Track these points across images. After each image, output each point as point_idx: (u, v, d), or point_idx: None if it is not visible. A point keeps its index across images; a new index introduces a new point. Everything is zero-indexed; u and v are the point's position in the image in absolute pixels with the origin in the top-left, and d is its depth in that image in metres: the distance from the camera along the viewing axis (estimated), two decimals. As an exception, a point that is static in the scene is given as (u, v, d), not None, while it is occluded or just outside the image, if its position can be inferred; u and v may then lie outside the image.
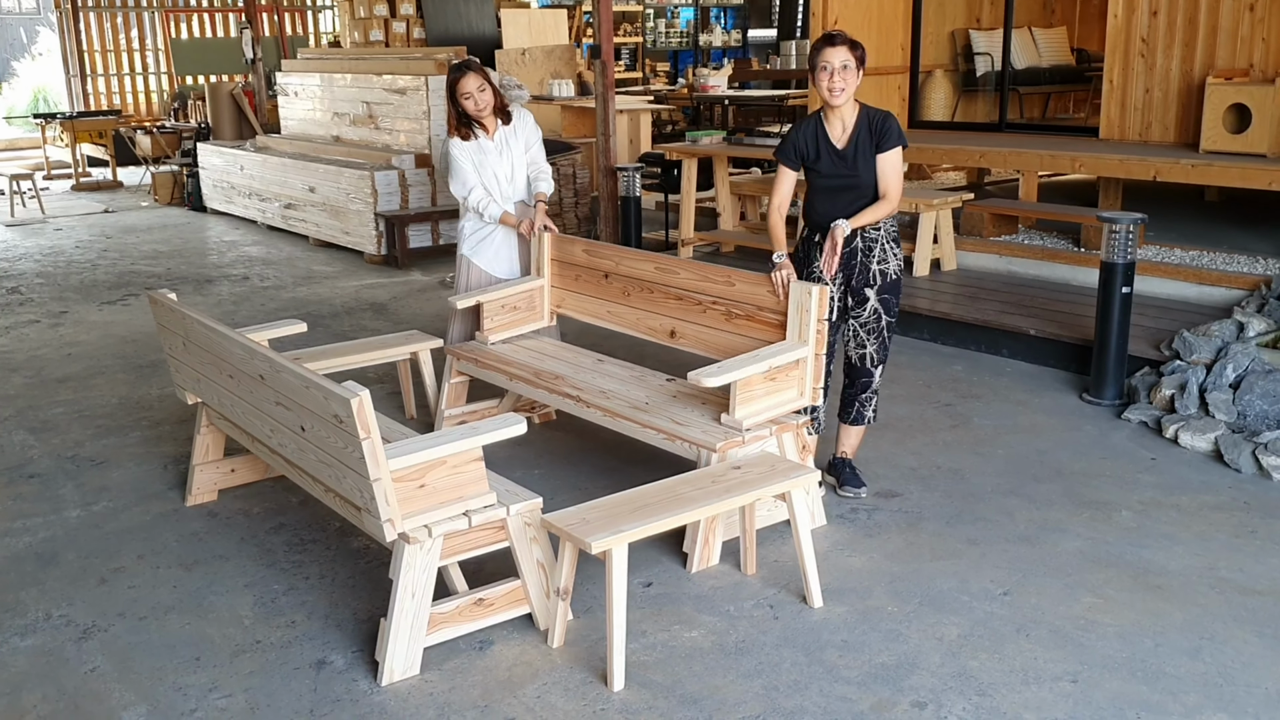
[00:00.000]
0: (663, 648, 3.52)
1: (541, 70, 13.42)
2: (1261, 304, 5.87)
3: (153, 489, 4.87)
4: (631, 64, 17.74)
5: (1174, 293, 6.71)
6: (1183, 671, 3.31)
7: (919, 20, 9.89)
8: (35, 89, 21.51)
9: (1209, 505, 4.41)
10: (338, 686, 3.37)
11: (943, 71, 10.24)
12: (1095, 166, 7.68)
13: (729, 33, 17.82)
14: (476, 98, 5.11)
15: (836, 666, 3.39)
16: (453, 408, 5.29)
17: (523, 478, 4.86)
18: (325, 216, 10.22)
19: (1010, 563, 4.00)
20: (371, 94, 10.43)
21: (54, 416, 5.86)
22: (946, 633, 3.56)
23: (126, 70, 18.92)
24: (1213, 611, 3.64)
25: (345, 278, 9.16)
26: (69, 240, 11.20)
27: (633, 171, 8.01)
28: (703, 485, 3.60)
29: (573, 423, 5.39)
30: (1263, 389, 4.94)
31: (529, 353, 5.11)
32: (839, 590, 3.83)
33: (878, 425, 5.00)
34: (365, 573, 4.06)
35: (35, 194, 13.00)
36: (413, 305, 8.13)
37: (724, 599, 3.81)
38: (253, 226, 11.69)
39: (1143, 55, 8.22)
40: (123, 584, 4.05)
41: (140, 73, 19.01)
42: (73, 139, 15.06)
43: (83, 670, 3.51)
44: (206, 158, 12.46)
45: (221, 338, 3.65)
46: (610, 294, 5.00)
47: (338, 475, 3.12)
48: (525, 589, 3.45)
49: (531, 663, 3.45)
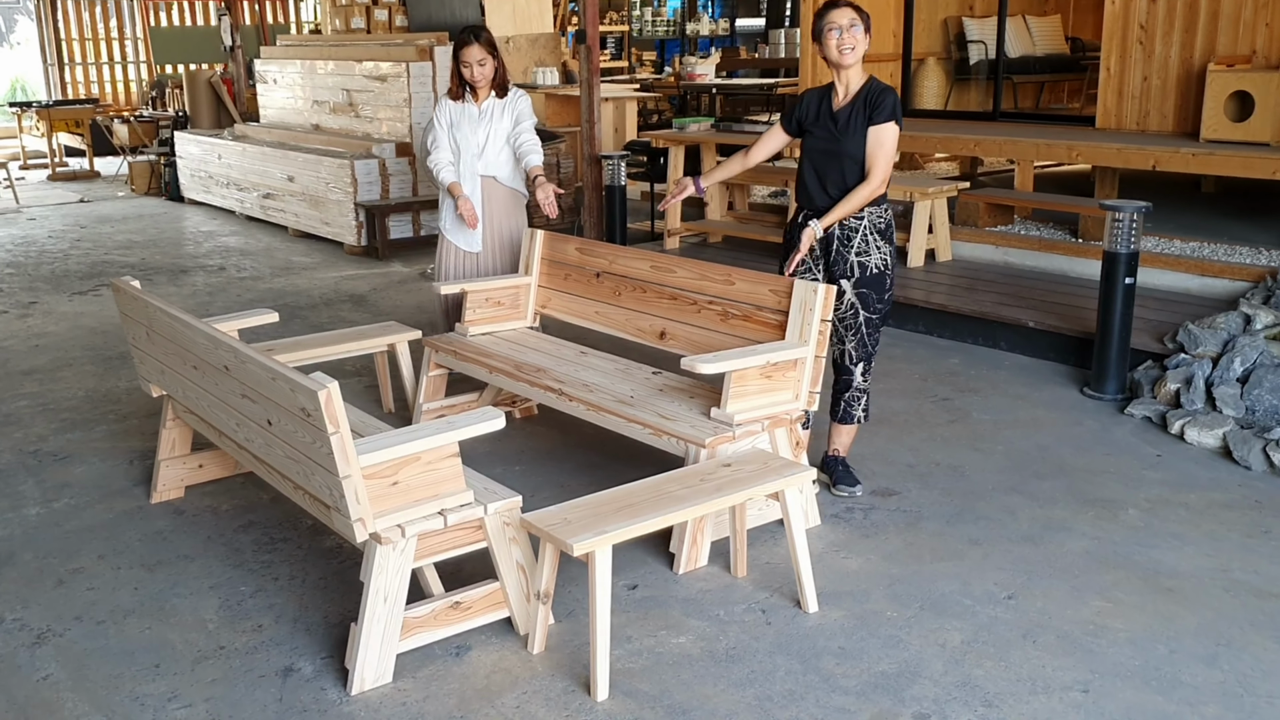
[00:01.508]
0: (649, 654, 3.32)
1: (526, 59, 13.19)
2: (1268, 295, 5.71)
3: (117, 485, 4.66)
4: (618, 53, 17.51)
5: (1175, 284, 6.54)
6: (1199, 680, 3.13)
7: (911, 7, 9.72)
8: (13, 78, 21.18)
9: (1219, 503, 4.24)
10: (305, 696, 3.17)
11: (935, 60, 10.07)
12: (1093, 156, 7.51)
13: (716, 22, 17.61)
14: (475, 69, 5.20)
15: (834, 675, 3.20)
16: (431, 401, 5.09)
17: (502, 474, 4.67)
18: (304, 206, 9.99)
19: (1014, 564, 3.82)
20: (352, 81, 10.20)
21: (17, 410, 5.63)
22: (949, 639, 3.37)
23: (105, 59, 18.61)
24: (1228, 615, 3.46)
25: (324, 269, 8.93)
26: (42, 230, 10.94)
27: (618, 160, 7.80)
28: (691, 484, 3.41)
29: (555, 417, 5.19)
30: (1272, 383, 4.77)
31: (510, 345, 4.91)
32: (835, 594, 3.64)
33: (873, 420, 4.82)
34: (338, 573, 3.85)
35: (9, 183, 12.72)
36: (393, 297, 7.91)
37: (713, 603, 3.61)
38: (231, 217, 11.44)
39: (1141, 42, 8.05)
40: (81, 585, 3.84)
41: (119, 61, 18.70)
42: (49, 128, 14.77)
43: (35, 678, 3.30)
44: (184, 147, 12.20)
45: (185, 327, 3.44)
46: (600, 293, 4.81)
47: (306, 472, 2.91)
48: (504, 592, 3.25)
49: (510, 670, 3.25)
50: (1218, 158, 6.90)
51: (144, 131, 14.32)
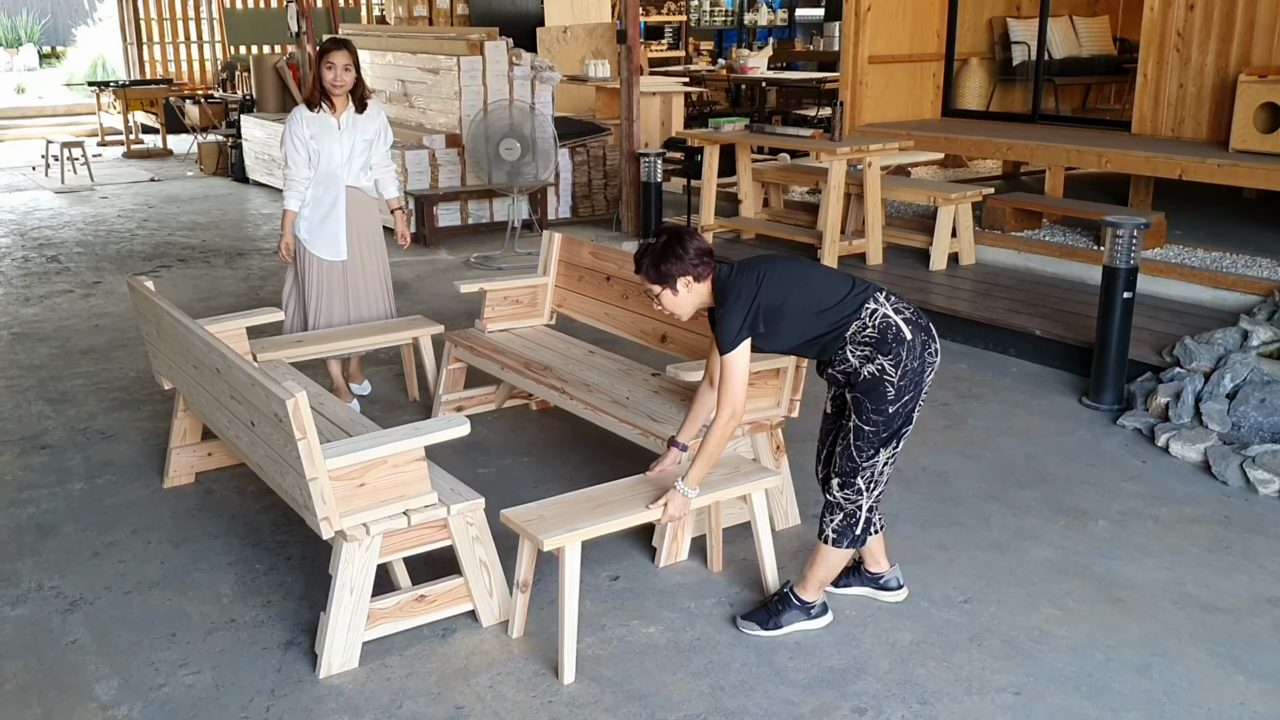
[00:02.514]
0: (619, 642, 3.59)
1: (583, 48, 13.43)
2: (1273, 311, 5.79)
3: (155, 464, 5.02)
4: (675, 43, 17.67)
5: (1188, 295, 6.63)
6: (1128, 688, 3.32)
7: (955, 7, 9.79)
8: (95, 56, 21.90)
9: (1188, 518, 4.39)
10: (300, 668, 3.48)
11: (979, 60, 10.13)
12: (1121, 163, 7.59)
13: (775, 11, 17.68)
14: (339, 73, 5.20)
15: (785, 668, 3.44)
16: (450, 393, 5.39)
17: (512, 465, 4.97)
18: (359, 192, 10.34)
19: (977, 570, 4.02)
20: (407, 72, 10.52)
21: (73, 388, 6.04)
22: (900, 639, 3.59)
23: (182, 39, 19.20)
24: (1170, 627, 3.64)
25: (373, 254, 9.27)
26: (113, 209, 11.45)
27: (654, 157, 8.03)
28: (664, 486, 3.66)
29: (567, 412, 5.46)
30: (1258, 400, 4.89)
31: (524, 342, 5.19)
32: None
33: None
34: (345, 556, 4.17)
35: (85, 161, 13.28)
36: (435, 285, 8.23)
37: (687, 595, 3.87)
38: (291, 199, 11.85)
39: (1178, 50, 8.09)
40: (114, 558, 4.20)
41: (195, 42, 19.28)
42: (125, 107, 15.35)
43: (64, 642, 3.66)
44: (249, 130, 12.66)
45: (184, 330, 3.75)
46: (610, 296, 5.06)
47: (281, 471, 3.21)
48: (468, 587, 3.53)
49: (489, 652, 3.54)
50: (1243, 169, 6.96)
51: (214, 113, 14.83)
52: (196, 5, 19.16)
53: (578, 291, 5.28)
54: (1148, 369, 5.59)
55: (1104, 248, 5.44)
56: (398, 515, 3.28)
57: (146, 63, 18.88)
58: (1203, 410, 4.98)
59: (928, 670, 3.42)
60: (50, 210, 11.45)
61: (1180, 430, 4.95)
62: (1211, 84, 7.93)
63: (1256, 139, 7.19)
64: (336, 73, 5.20)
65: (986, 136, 8.53)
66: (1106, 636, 3.59)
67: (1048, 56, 9.47)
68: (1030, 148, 8.15)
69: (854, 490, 3.49)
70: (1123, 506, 4.50)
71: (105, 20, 22.92)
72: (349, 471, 3.12)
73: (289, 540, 4.31)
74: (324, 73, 5.21)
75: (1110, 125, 8.97)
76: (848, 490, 3.50)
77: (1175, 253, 7.14)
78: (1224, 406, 4.96)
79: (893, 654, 3.51)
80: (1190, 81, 8.04)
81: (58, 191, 12.55)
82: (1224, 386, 5.04)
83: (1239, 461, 4.63)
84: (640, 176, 8.31)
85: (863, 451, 3.44)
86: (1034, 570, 4.01)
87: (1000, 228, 7.87)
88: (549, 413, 5.58)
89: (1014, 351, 6.29)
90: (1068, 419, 5.42)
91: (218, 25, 19.03)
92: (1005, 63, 10.22)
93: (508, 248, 8.99)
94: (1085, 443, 5.13)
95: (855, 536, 3.55)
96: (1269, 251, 7.09)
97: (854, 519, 3.53)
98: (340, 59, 5.20)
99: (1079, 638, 3.58)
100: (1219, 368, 5.15)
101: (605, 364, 4.90)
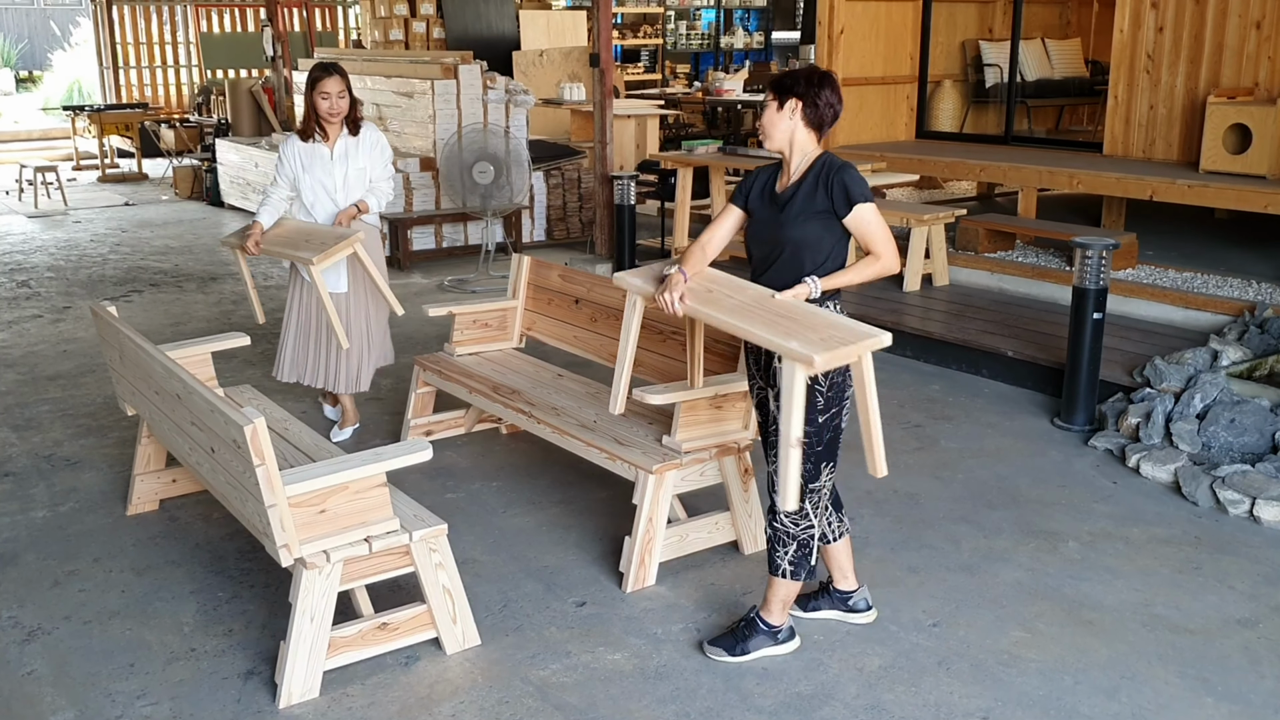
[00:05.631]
0: (584, 669, 3.55)
1: (559, 72, 13.47)
2: (1243, 331, 5.81)
3: (120, 492, 4.95)
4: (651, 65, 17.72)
5: (1160, 316, 6.65)
6: (1096, 711, 3.30)
7: (928, 30, 9.85)
8: (71, 80, 21.84)
9: (1159, 539, 4.38)
10: (261, 698, 3.43)
11: (952, 82, 10.19)
12: (1093, 184, 7.62)
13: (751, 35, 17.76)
14: (334, 101, 5.09)
15: (752, 695, 3.40)
16: (419, 417, 5.35)
17: (480, 489, 4.93)
18: (333, 216, 10.31)
19: (946, 592, 4.00)
20: (382, 96, 10.51)
21: (39, 414, 5.97)
22: (868, 663, 3.56)
23: (158, 63, 19.16)
24: (1139, 649, 3.62)
25: (347, 278, 9.22)
26: (85, 234, 11.38)
27: (627, 180, 8.03)
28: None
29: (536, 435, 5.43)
30: (1228, 420, 4.89)
31: (492, 366, 5.16)
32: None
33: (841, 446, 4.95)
34: (309, 583, 4.11)
35: (59, 185, 13.20)
36: (407, 308, 8.11)
37: (654, 621, 3.83)
38: (266, 223, 11.80)
39: (1148, 71, 8.15)
40: (74, 587, 4.13)
41: (171, 66, 19.24)
42: (100, 131, 15.28)
43: (20, 673, 3.59)
44: (224, 154, 12.61)
45: (146, 355, 3.70)
46: (579, 319, 5.03)
47: (242, 498, 3.17)
48: (431, 614, 3.49)
49: (452, 681, 3.49)
50: (1213, 189, 6.99)
51: (189, 137, 14.78)
52: (173, 29, 19.14)
53: (547, 315, 5.25)
54: (1119, 389, 5.59)
55: (1074, 268, 5.45)
56: (359, 542, 3.24)
57: (123, 87, 18.85)
58: (1173, 430, 4.98)
59: (895, 696, 3.39)
60: (22, 235, 11.37)
61: (1151, 451, 4.95)
62: (1181, 105, 7.98)
63: (1226, 160, 7.24)
64: (332, 101, 5.09)
65: (960, 158, 8.56)
66: (1076, 659, 3.56)
67: (1020, 79, 9.53)
68: (1003, 169, 8.19)
69: (803, 516, 3.49)
70: (1093, 527, 4.48)
71: (81, 45, 22.86)
72: (309, 498, 3.08)
73: (253, 568, 4.25)
74: (319, 102, 5.09)
75: (1082, 146, 9.03)
76: (794, 519, 3.48)
77: (1147, 273, 7.17)
78: (1194, 427, 4.96)
79: (861, 679, 3.48)
80: (1160, 103, 8.10)
81: (31, 216, 12.47)
82: (1194, 407, 5.04)
83: (1209, 482, 4.63)
84: (614, 199, 8.30)
85: (810, 464, 3.47)
86: (1004, 592, 3.99)
87: (974, 249, 7.89)
88: (518, 436, 5.54)
89: (986, 372, 6.29)
90: (1039, 440, 5.41)
91: (194, 49, 19.02)
92: (978, 85, 10.28)
93: (482, 271, 8.97)
94: (1056, 464, 5.13)
95: (811, 567, 3.56)
96: (1240, 271, 7.13)
97: (808, 549, 3.52)
98: (334, 86, 5.08)
99: (1048, 661, 3.56)
100: (1189, 388, 5.16)
101: (574, 387, 4.87)
